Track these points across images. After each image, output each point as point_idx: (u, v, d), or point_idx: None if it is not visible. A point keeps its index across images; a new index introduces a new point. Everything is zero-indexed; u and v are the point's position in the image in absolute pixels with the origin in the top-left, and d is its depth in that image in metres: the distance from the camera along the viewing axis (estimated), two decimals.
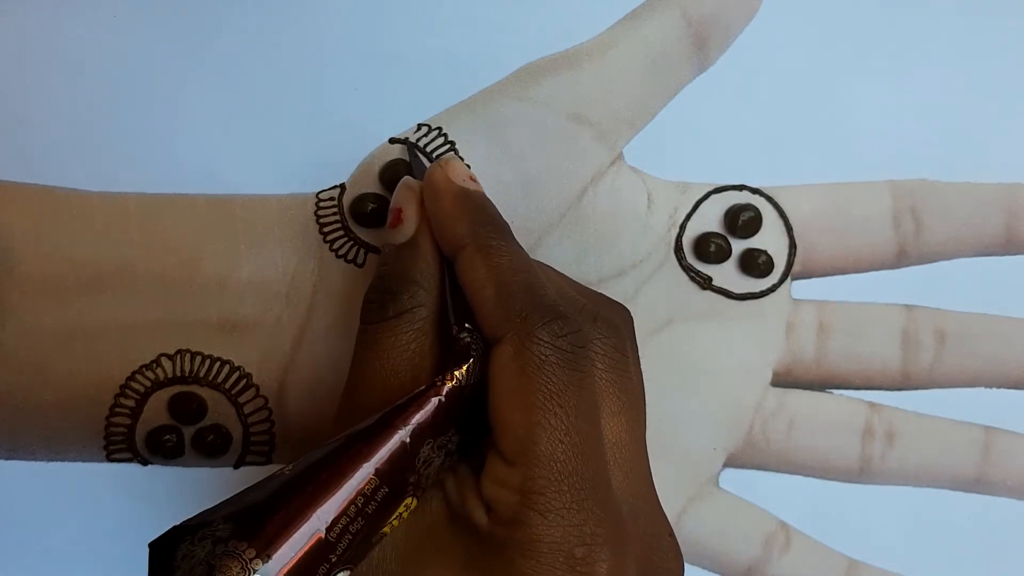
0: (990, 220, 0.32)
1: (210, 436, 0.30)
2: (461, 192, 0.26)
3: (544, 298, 0.24)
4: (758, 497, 0.32)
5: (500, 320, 0.23)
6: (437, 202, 0.26)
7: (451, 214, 0.25)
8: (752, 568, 0.32)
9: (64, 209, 0.29)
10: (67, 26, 0.30)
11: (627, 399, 0.24)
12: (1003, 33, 0.32)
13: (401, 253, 0.26)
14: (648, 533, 0.24)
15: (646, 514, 0.24)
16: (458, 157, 0.27)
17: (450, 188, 0.26)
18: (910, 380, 0.32)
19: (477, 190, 0.26)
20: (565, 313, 0.23)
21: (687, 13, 0.31)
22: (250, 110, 0.30)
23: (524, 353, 0.22)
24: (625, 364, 0.24)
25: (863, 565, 0.33)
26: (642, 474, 0.24)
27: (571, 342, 0.23)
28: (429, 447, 0.22)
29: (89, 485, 0.31)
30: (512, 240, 0.26)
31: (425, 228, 0.26)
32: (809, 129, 0.32)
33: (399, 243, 0.26)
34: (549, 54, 0.31)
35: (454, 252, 0.25)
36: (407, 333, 0.24)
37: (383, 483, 0.21)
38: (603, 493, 0.22)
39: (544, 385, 0.22)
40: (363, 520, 0.21)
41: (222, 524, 0.20)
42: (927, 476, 0.33)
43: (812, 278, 0.32)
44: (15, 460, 0.30)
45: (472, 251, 0.25)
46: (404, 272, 0.25)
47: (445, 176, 0.26)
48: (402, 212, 0.26)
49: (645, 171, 0.32)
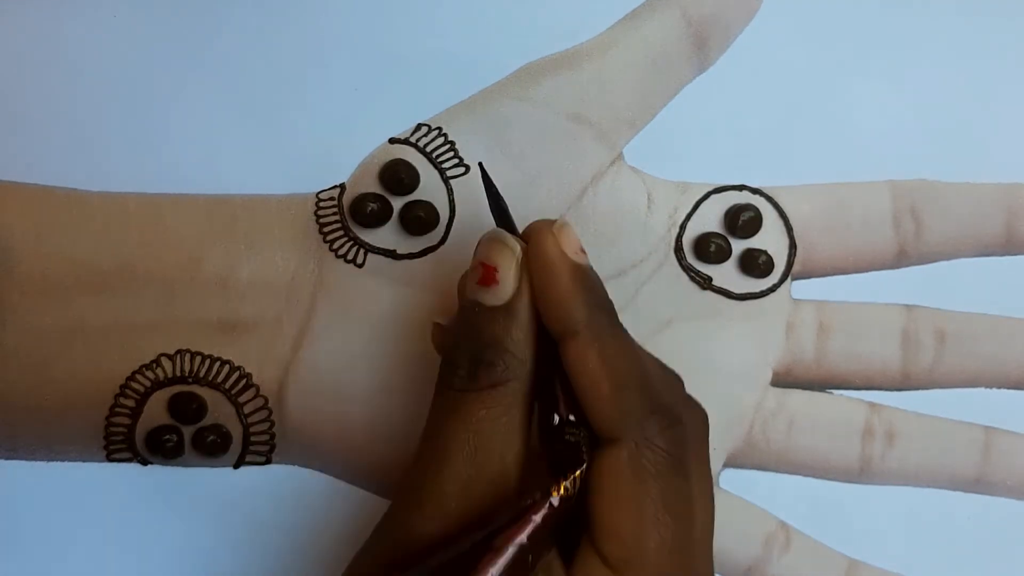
0: (990, 220, 0.32)
1: (210, 436, 0.30)
2: (576, 269, 0.24)
3: (660, 399, 0.23)
4: (758, 497, 0.32)
5: (616, 421, 0.22)
6: (550, 276, 0.24)
7: (568, 294, 0.23)
8: (752, 568, 0.32)
9: (64, 209, 0.30)
10: (67, 26, 0.30)
11: (708, 499, 0.24)
12: (1003, 33, 0.32)
13: (495, 317, 0.24)
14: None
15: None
16: (569, 225, 0.25)
17: (564, 262, 0.24)
18: (910, 380, 0.32)
19: (589, 265, 0.25)
20: (677, 414, 0.23)
21: (687, 13, 0.31)
22: (250, 110, 0.30)
23: (640, 459, 0.22)
24: (707, 448, 0.24)
25: (863, 565, 0.33)
26: (710, 569, 0.24)
27: (680, 445, 0.23)
28: (531, 558, 0.21)
29: (89, 485, 0.31)
30: (620, 325, 0.24)
31: (525, 295, 0.24)
32: (809, 129, 0.32)
33: (491, 304, 0.24)
34: (549, 54, 0.31)
35: (564, 336, 0.23)
36: (498, 408, 0.23)
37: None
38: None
39: (657, 495, 0.22)
40: None
41: None
42: (927, 476, 0.33)
43: (812, 278, 0.32)
44: (15, 460, 0.30)
45: (586, 340, 0.23)
46: (499, 340, 0.23)
47: (560, 249, 0.24)
48: (498, 272, 0.24)
49: (645, 171, 0.32)
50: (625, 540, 0.22)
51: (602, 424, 0.23)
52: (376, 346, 0.30)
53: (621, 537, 0.22)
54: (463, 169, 0.30)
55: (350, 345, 0.30)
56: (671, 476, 0.22)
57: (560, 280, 0.24)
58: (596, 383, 0.23)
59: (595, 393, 0.23)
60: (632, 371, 0.23)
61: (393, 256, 0.30)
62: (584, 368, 0.23)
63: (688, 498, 0.23)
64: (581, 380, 0.23)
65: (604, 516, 0.22)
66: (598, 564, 0.22)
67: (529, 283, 0.24)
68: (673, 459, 0.22)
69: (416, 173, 0.30)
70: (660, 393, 0.23)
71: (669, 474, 0.22)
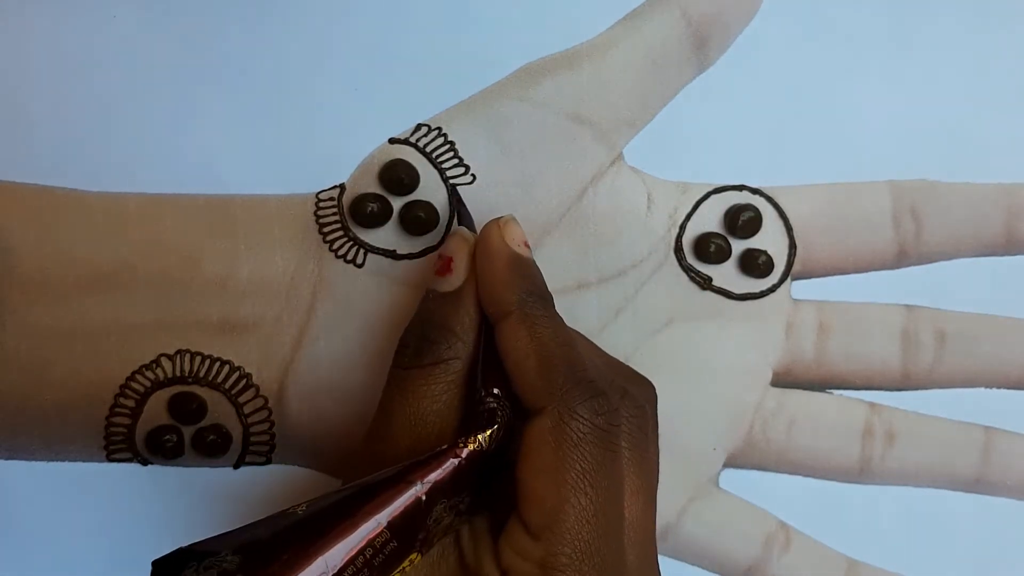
0: (990, 220, 0.32)
1: (210, 436, 0.30)
2: (514, 257, 0.26)
3: (585, 373, 0.24)
4: (758, 497, 0.32)
5: (540, 392, 0.23)
6: (489, 263, 0.26)
7: (502, 278, 0.25)
8: (752, 568, 0.32)
9: (64, 209, 0.30)
10: (67, 27, 0.30)
11: (646, 479, 0.24)
12: (1003, 33, 0.32)
13: (444, 302, 0.26)
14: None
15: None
16: (515, 220, 0.27)
17: (504, 251, 0.26)
18: (910, 380, 0.32)
19: (529, 257, 0.26)
20: (604, 390, 0.24)
21: (687, 13, 0.31)
22: (250, 110, 0.30)
23: (562, 428, 0.23)
24: (646, 444, 0.25)
25: (863, 565, 0.33)
26: (652, 554, 0.25)
27: (608, 420, 0.23)
28: (442, 506, 0.22)
29: (89, 485, 0.31)
30: (555, 312, 0.26)
31: (472, 283, 0.26)
32: (809, 129, 0.32)
33: (443, 291, 0.26)
34: (549, 54, 0.31)
35: (498, 317, 0.25)
36: (439, 384, 0.25)
37: (393, 536, 0.21)
38: (619, 575, 0.23)
39: (578, 463, 0.23)
40: (368, 571, 0.21)
41: (230, 556, 0.20)
42: (927, 476, 0.33)
43: (812, 278, 0.32)
44: (15, 460, 0.30)
45: (517, 320, 0.25)
46: (445, 322, 0.25)
47: (501, 238, 0.26)
48: (452, 262, 0.26)
49: (645, 171, 0.32)
50: (544, 507, 0.22)
51: (529, 396, 0.24)
52: (376, 346, 0.30)
53: (541, 504, 0.22)
54: (463, 169, 0.30)
55: (350, 345, 0.30)
56: (594, 446, 0.23)
57: (498, 266, 0.26)
58: (524, 358, 0.24)
59: (523, 367, 0.24)
60: (560, 350, 0.24)
61: (393, 256, 0.30)
62: (514, 345, 0.24)
63: (614, 471, 0.23)
64: (511, 356, 0.24)
65: (527, 484, 0.23)
66: (521, 532, 0.23)
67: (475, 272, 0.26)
68: (598, 431, 0.23)
69: (416, 173, 0.30)
70: (587, 369, 0.24)
71: (593, 444, 0.23)
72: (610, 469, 0.23)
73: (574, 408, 0.23)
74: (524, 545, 0.22)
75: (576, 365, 0.24)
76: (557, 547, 0.22)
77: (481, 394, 0.24)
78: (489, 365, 0.25)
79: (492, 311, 0.25)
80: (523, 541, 0.22)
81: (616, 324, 0.31)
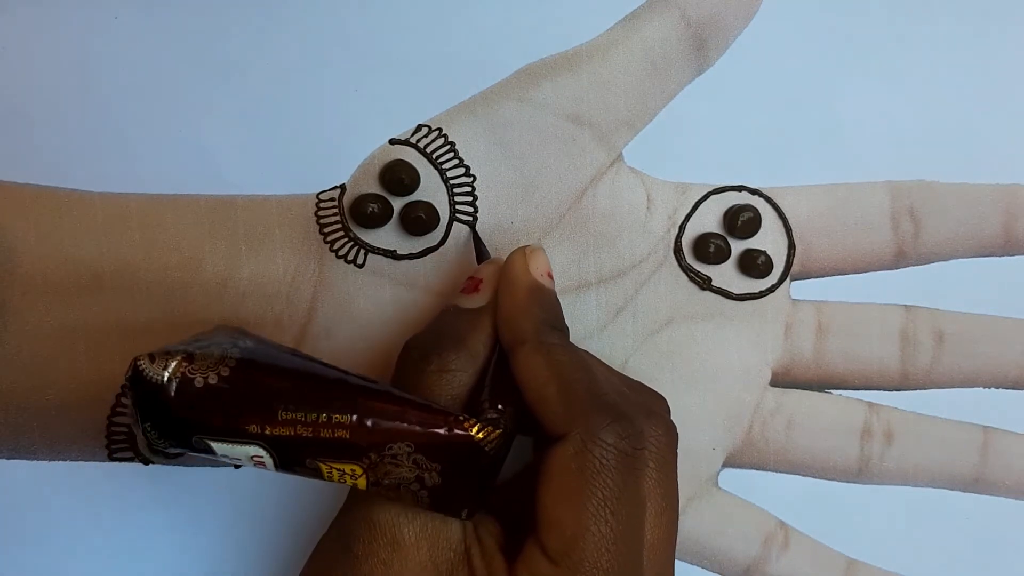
0: (988, 221, 0.32)
1: None
2: (535, 286, 0.26)
3: (606, 397, 0.24)
4: (757, 497, 0.33)
5: (562, 418, 0.23)
6: (511, 289, 0.26)
7: (522, 306, 0.26)
8: (751, 567, 0.32)
9: (65, 210, 0.30)
10: (68, 27, 0.30)
11: (670, 501, 0.24)
12: (1003, 33, 0.32)
13: (463, 318, 0.26)
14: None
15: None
16: (542, 250, 0.27)
17: (526, 279, 0.26)
18: (908, 380, 0.32)
19: (551, 289, 0.27)
20: (627, 413, 0.24)
21: (686, 14, 0.31)
22: (251, 110, 0.30)
23: (585, 455, 0.23)
24: (673, 464, 0.25)
25: (862, 564, 0.33)
26: (670, 572, 0.25)
27: (632, 444, 0.23)
28: (407, 450, 0.22)
29: (90, 485, 0.31)
30: (572, 345, 0.26)
31: (492, 307, 0.26)
32: (808, 130, 0.32)
33: (465, 307, 0.27)
34: (549, 55, 0.31)
35: (513, 344, 0.25)
36: (442, 397, 0.25)
37: (349, 430, 0.22)
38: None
39: (600, 490, 0.23)
40: (309, 432, 0.21)
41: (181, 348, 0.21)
42: (925, 476, 0.33)
43: (811, 278, 0.32)
44: (17, 459, 0.30)
45: (533, 348, 0.25)
46: (459, 335, 0.26)
47: (525, 267, 0.27)
48: (481, 283, 0.27)
49: (645, 171, 0.32)
50: (565, 532, 0.22)
51: (551, 422, 0.24)
52: (376, 345, 0.30)
53: (561, 529, 0.22)
54: (463, 170, 0.30)
55: (351, 345, 0.30)
56: (618, 474, 0.23)
57: (518, 293, 0.26)
58: (544, 384, 0.24)
59: (543, 394, 0.24)
60: (580, 375, 0.24)
61: (393, 256, 0.30)
62: (532, 373, 0.24)
63: (638, 496, 0.23)
64: (531, 384, 0.24)
65: (548, 509, 0.23)
66: (539, 556, 0.23)
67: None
68: (622, 456, 0.23)
69: (416, 174, 0.30)
70: (608, 393, 0.24)
71: (616, 471, 0.23)
72: (633, 494, 0.23)
73: (597, 434, 0.23)
74: (541, 569, 0.22)
75: (596, 390, 0.24)
76: (575, 574, 0.22)
77: (484, 406, 0.24)
78: (498, 387, 0.25)
79: (508, 337, 0.26)
80: (541, 565, 0.22)
81: (616, 324, 0.31)
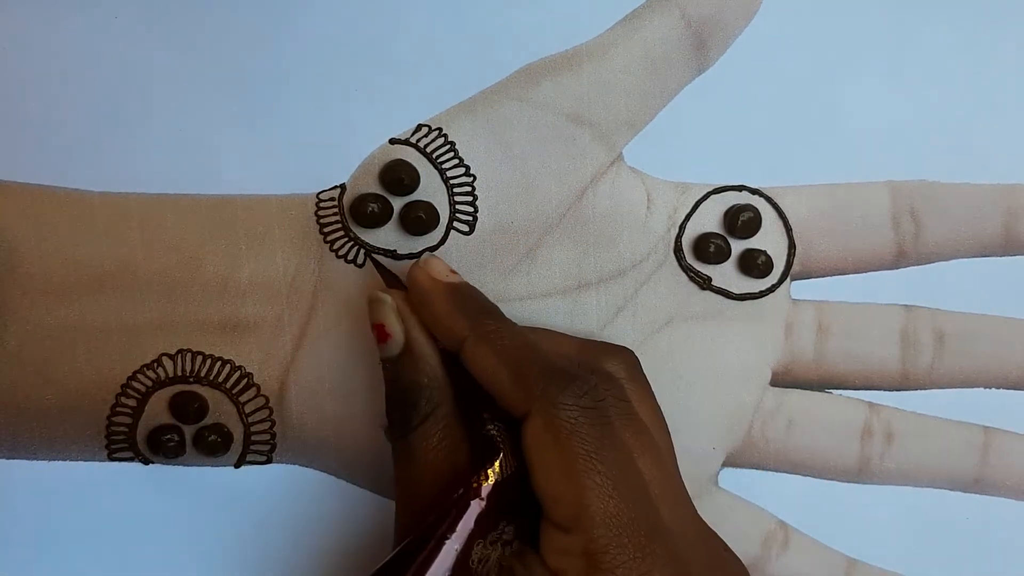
0: (989, 221, 0.32)
1: (211, 435, 0.30)
2: (449, 288, 0.27)
3: (554, 365, 0.25)
4: (757, 496, 0.33)
5: (521, 398, 0.24)
6: (429, 304, 0.27)
7: (446, 312, 0.26)
8: (751, 567, 0.32)
9: (65, 209, 0.30)
10: (68, 27, 0.30)
11: (645, 438, 0.25)
12: (1003, 33, 0.32)
13: (402, 363, 0.27)
14: (709, 555, 0.25)
15: (701, 538, 0.25)
16: (433, 255, 0.28)
17: (436, 287, 0.27)
18: (909, 380, 0.32)
19: (462, 281, 0.27)
20: (577, 374, 0.24)
21: (686, 14, 0.31)
22: (250, 110, 0.30)
23: (553, 423, 0.23)
24: (630, 408, 0.25)
25: (862, 564, 0.33)
26: (684, 501, 0.25)
27: (592, 398, 0.24)
28: (480, 546, 0.23)
29: (90, 484, 0.31)
30: (505, 320, 0.27)
31: (416, 331, 0.27)
32: (809, 130, 0.32)
33: (394, 355, 0.27)
34: (549, 55, 0.31)
35: (456, 345, 0.26)
36: (436, 435, 0.26)
37: None
38: (659, 534, 0.23)
39: (580, 447, 0.23)
40: None
41: None
42: (926, 476, 0.33)
43: (811, 278, 0.32)
44: (17, 460, 0.30)
45: (474, 342, 0.25)
46: (412, 381, 0.26)
47: (429, 276, 0.27)
48: (385, 327, 0.27)
49: (645, 171, 0.32)
50: (566, 500, 0.23)
51: (513, 406, 0.24)
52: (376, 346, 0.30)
53: (562, 499, 0.23)
54: (463, 170, 0.30)
55: (351, 344, 0.30)
56: (589, 426, 0.23)
57: (437, 303, 0.26)
58: (495, 373, 0.25)
59: (497, 381, 0.25)
60: (525, 352, 0.25)
61: (393, 256, 0.30)
62: (482, 365, 0.25)
63: (618, 445, 0.24)
64: (484, 376, 0.25)
65: (543, 486, 0.23)
66: (555, 532, 0.23)
67: (418, 318, 0.27)
68: (586, 411, 0.24)
69: (416, 173, 0.30)
70: (554, 361, 0.25)
71: (587, 425, 0.23)
72: (612, 441, 0.24)
73: (556, 400, 0.23)
74: (563, 543, 0.23)
75: (542, 360, 0.25)
76: (592, 531, 0.22)
77: (478, 420, 0.25)
78: (467, 392, 0.26)
79: (449, 343, 0.26)
80: (560, 540, 0.23)
81: (616, 324, 0.31)
